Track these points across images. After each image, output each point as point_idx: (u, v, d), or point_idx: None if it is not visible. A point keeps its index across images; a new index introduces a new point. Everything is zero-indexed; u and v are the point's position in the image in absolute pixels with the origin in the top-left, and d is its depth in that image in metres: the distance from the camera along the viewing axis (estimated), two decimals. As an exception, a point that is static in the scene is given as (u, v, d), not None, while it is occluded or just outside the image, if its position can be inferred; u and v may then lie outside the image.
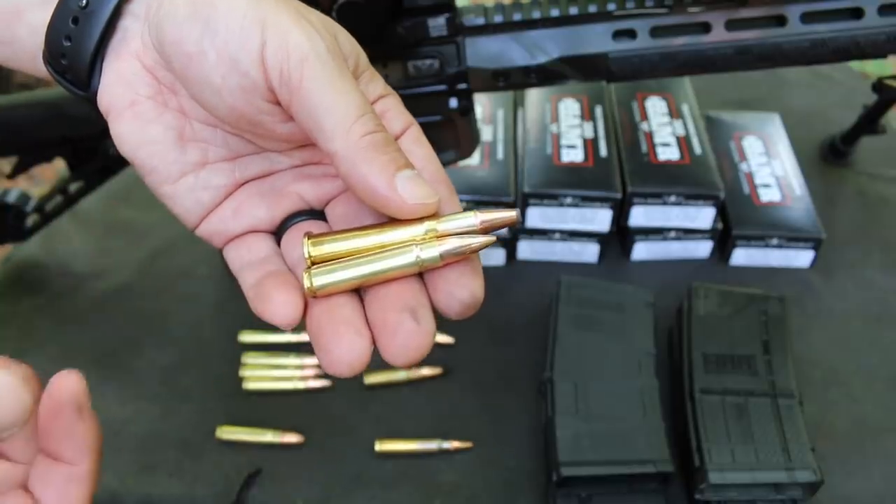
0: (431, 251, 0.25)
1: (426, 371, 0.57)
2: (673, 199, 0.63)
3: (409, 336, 0.25)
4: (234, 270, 0.29)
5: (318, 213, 0.31)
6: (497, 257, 0.66)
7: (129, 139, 0.29)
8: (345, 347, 0.25)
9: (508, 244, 0.66)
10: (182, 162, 0.29)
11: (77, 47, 0.28)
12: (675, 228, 0.65)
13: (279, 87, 0.25)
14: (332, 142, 0.25)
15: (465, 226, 0.26)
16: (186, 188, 0.29)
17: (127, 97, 0.29)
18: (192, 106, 0.29)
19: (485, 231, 0.26)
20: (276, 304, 0.26)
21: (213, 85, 0.26)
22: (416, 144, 0.29)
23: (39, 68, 0.30)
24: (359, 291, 0.27)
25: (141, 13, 0.28)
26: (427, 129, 0.51)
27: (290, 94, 0.25)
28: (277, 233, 0.31)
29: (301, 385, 0.57)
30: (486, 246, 0.25)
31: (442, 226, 0.26)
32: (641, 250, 0.67)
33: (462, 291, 0.26)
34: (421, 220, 0.26)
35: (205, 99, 0.27)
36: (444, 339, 0.60)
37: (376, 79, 0.29)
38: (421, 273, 0.26)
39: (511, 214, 0.26)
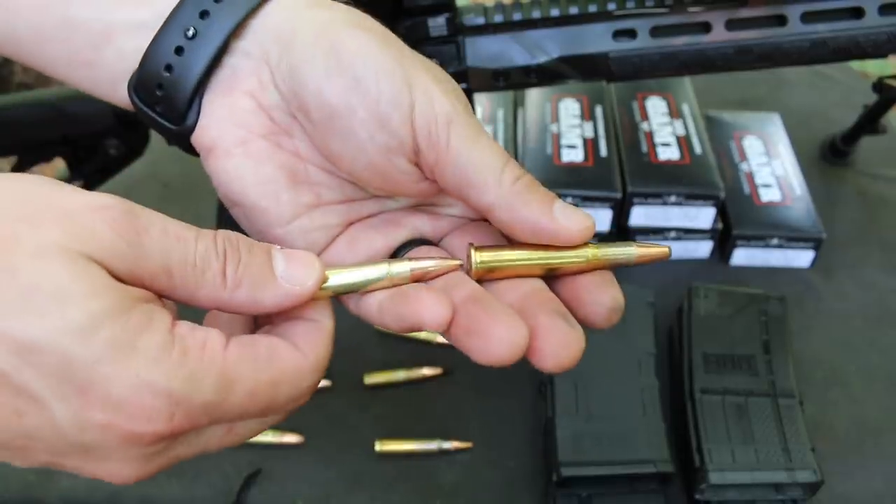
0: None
1: (426, 371, 0.57)
2: (673, 198, 0.63)
3: (564, 336, 0.25)
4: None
5: (430, 243, 0.30)
6: (497, 257, 0.66)
7: (239, 178, 0.28)
8: (503, 331, 0.24)
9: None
10: (295, 203, 0.28)
11: (178, 78, 0.27)
12: (675, 228, 0.65)
13: (426, 149, 0.26)
14: (486, 195, 0.26)
15: (623, 252, 0.27)
16: (300, 230, 0.29)
17: (237, 135, 0.28)
18: (310, 150, 0.28)
19: (640, 262, 0.28)
20: (426, 303, 0.25)
21: (359, 140, 0.26)
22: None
23: (119, 96, 0.29)
24: None
25: (254, 52, 0.27)
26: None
27: (437, 155, 0.26)
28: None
29: (301, 385, 0.57)
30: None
31: (601, 251, 0.27)
32: (641, 250, 0.66)
33: (604, 297, 0.26)
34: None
35: (344, 153, 0.27)
36: (444, 339, 0.59)
37: None
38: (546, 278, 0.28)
39: (664, 250, 0.28)
